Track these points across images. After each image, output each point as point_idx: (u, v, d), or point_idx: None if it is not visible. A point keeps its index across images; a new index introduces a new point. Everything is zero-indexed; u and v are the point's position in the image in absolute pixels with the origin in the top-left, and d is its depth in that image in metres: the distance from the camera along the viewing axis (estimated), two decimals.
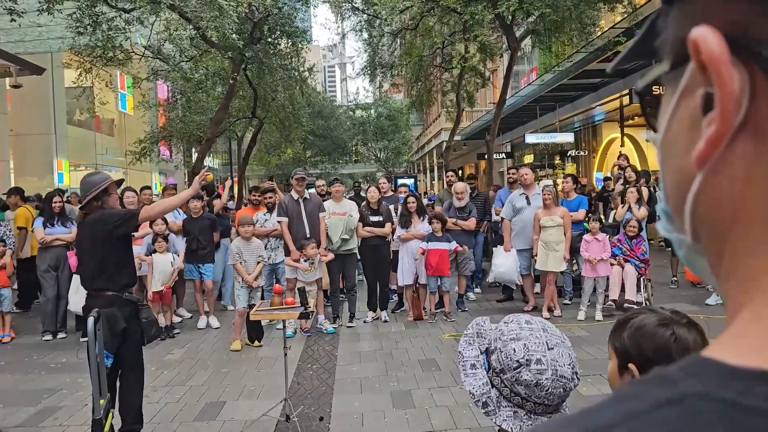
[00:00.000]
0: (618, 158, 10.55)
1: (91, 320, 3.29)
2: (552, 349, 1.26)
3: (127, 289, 4.14)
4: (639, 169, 10.80)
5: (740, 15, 0.32)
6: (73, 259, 7.56)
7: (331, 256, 7.19)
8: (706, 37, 0.32)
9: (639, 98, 0.44)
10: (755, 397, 0.29)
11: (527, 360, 1.25)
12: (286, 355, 4.57)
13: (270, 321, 7.10)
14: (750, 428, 0.28)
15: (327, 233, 7.31)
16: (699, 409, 0.30)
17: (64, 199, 8.58)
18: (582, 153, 20.42)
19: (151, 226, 7.34)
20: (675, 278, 8.92)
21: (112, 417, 3.37)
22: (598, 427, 0.32)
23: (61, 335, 7.31)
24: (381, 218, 7.72)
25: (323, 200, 7.67)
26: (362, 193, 10.46)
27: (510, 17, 11.17)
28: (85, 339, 6.43)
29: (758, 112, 0.32)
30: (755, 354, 0.31)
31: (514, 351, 1.26)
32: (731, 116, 0.32)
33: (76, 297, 6.31)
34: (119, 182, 4.32)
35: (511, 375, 1.26)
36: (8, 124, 18.36)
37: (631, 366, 1.41)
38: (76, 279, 6.69)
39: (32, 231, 7.62)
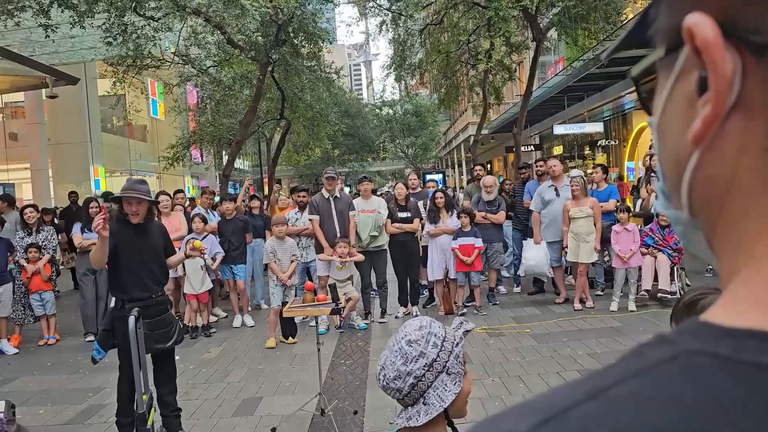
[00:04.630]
0: (650, 148, 10.40)
1: (132, 319, 3.42)
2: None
3: (119, 299, 4.13)
4: None
5: (729, 3, 0.34)
6: None
7: (360, 257, 7.27)
8: (700, 24, 0.34)
9: (634, 83, 0.45)
10: (746, 352, 0.32)
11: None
12: (319, 351, 4.67)
13: (303, 318, 7.22)
14: (745, 378, 0.31)
15: (356, 231, 7.41)
16: (697, 364, 0.33)
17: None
18: (612, 142, 20.09)
19: (190, 228, 7.57)
20: (710, 266, 8.77)
21: (155, 411, 3.51)
22: (605, 386, 0.34)
23: None
24: (409, 214, 7.77)
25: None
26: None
27: (534, 8, 11.07)
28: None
29: (748, 92, 0.34)
30: (744, 315, 0.35)
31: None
32: (725, 97, 0.35)
33: None
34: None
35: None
36: (46, 133, 18.95)
37: None
38: None
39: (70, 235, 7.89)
